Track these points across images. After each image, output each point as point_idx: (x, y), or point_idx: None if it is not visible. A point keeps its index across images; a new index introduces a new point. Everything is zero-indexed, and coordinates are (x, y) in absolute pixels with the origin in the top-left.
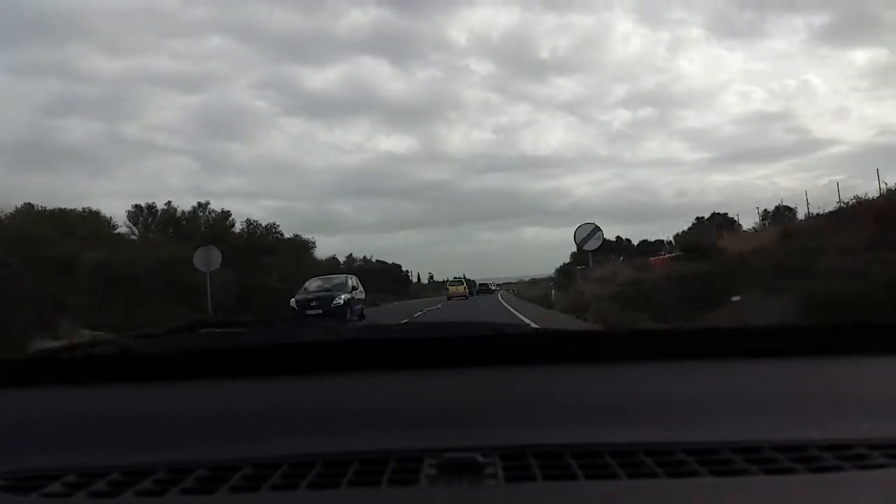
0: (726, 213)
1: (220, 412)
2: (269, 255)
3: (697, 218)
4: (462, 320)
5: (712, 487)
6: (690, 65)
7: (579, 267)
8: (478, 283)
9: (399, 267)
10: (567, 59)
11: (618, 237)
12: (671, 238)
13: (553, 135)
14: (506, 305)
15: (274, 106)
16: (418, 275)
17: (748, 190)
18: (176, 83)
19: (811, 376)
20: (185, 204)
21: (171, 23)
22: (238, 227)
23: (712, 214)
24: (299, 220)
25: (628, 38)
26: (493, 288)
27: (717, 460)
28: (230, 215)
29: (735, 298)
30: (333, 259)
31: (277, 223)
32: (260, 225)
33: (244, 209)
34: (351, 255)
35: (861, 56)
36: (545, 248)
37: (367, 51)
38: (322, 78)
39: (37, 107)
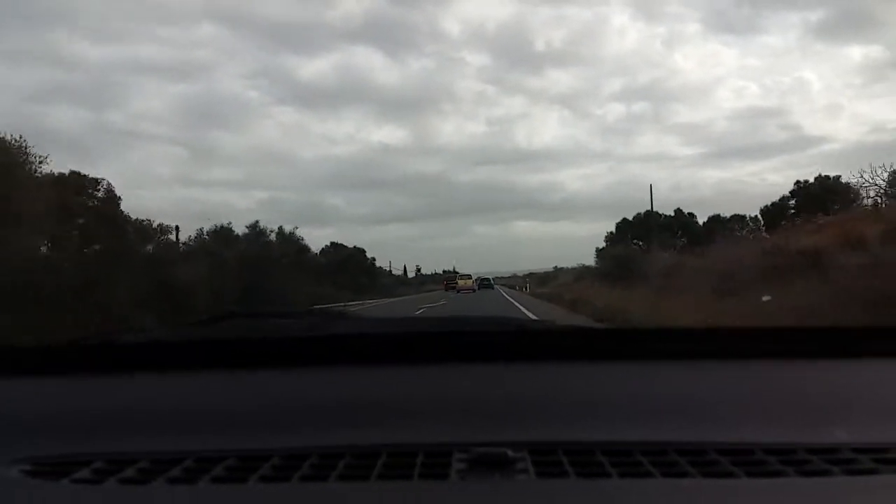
0: (839, 177)
1: (249, 402)
2: None
3: (797, 183)
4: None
5: (746, 488)
6: (685, 60)
7: None
8: (480, 277)
9: (362, 252)
10: (562, 52)
11: (678, 210)
12: (757, 214)
13: (547, 128)
14: None
15: (265, 95)
16: (404, 267)
17: (738, 186)
18: (165, 71)
19: (843, 378)
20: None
21: (159, 9)
22: None
23: (819, 177)
24: (290, 211)
25: (624, 31)
26: (492, 282)
27: (749, 461)
28: None
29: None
30: (222, 228)
31: None
32: None
33: (234, 200)
34: (256, 224)
35: (856, 53)
36: (538, 242)
37: (360, 40)
38: (314, 68)
39: (19, 93)
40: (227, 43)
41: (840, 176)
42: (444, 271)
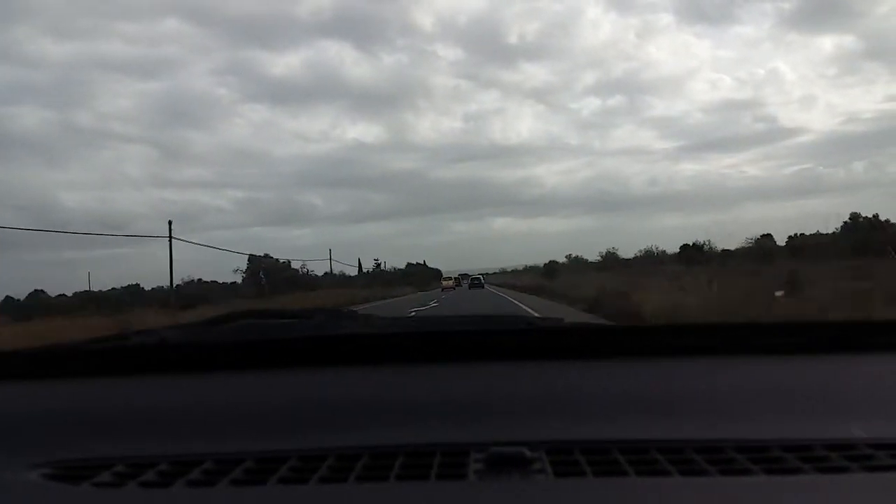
0: None
1: (266, 404)
2: None
3: None
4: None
5: (764, 486)
6: (659, 52)
7: None
8: (463, 274)
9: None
10: (536, 45)
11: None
12: None
13: (523, 123)
14: None
15: (235, 93)
16: (358, 262)
17: (717, 179)
18: (130, 69)
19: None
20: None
21: (123, 4)
22: None
23: None
24: (266, 210)
25: (598, 23)
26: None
27: (767, 458)
28: None
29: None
30: None
31: None
32: None
33: (209, 200)
34: None
35: (828, 43)
36: (517, 239)
37: (330, 35)
38: (284, 63)
39: None
40: (194, 39)
41: None
42: (407, 264)
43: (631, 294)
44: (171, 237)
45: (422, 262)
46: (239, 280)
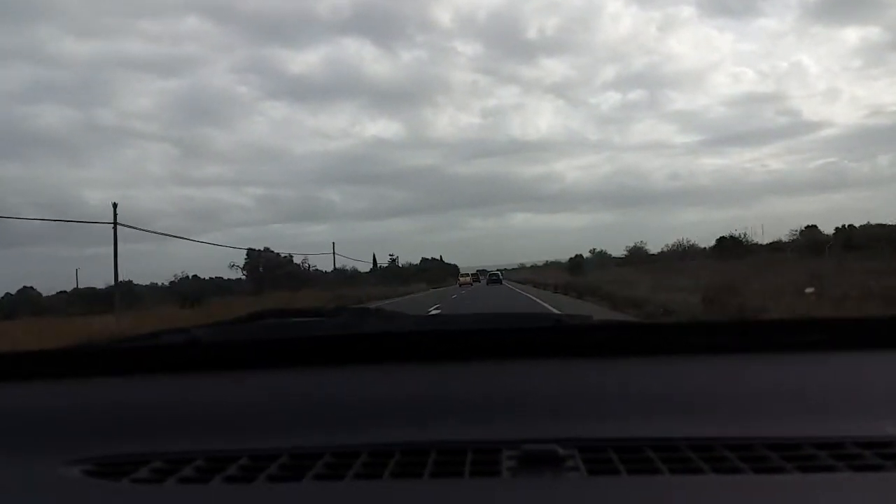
0: None
1: (298, 401)
2: None
3: None
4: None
5: (799, 484)
6: (681, 45)
7: None
8: (481, 270)
9: None
10: (556, 40)
11: None
12: None
13: (542, 119)
14: None
15: (255, 90)
16: (373, 256)
17: (739, 173)
18: (151, 67)
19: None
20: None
21: (145, 3)
22: None
23: None
24: (285, 207)
25: (618, 17)
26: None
27: (801, 456)
28: None
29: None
30: None
31: None
32: None
33: (230, 197)
34: None
35: (853, 35)
36: (536, 234)
37: (349, 32)
38: (304, 61)
39: (6, 93)
40: (214, 37)
41: None
42: (421, 260)
43: None
44: (115, 223)
45: (437, 258)
46: (242, 276)
